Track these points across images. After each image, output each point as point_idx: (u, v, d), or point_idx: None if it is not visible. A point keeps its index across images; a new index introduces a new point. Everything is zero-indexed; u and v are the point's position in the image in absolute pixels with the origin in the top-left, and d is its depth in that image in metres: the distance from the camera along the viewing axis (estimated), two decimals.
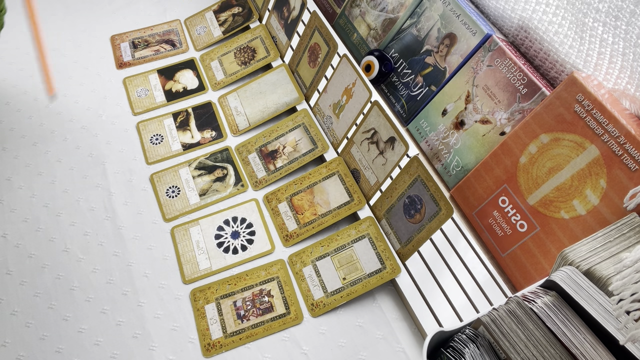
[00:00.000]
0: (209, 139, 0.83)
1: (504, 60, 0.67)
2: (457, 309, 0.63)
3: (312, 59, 0.83)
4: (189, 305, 0.67)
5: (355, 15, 0.88)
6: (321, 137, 0.80)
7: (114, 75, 0.90)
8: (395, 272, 0.66)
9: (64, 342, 0.63)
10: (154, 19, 0.99)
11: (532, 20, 0.68)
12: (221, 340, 0.64)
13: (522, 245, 0.63)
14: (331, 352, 0.64)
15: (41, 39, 0.70)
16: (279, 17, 0.90)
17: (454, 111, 0.73)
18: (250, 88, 0.88)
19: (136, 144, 0.82)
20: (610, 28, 0.57)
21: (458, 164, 0.72)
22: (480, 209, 0.68)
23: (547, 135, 0.61)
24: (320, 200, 0.75)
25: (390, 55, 0.82)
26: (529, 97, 0.65)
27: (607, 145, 0.56)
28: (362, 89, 0.73)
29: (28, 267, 0.68)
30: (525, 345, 0.44)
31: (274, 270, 0.70)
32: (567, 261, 0.48)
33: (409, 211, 0.66)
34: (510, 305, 0.47)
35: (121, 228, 0.72)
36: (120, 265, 0.69)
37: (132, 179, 0.78)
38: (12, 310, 0.65)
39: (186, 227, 0.73)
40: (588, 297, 0.45)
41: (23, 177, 0.76)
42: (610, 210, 0.56)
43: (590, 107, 0.57)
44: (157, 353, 0.63)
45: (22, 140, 0.80)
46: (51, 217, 0.73)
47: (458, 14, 0.72)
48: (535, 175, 0.62)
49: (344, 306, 0.67)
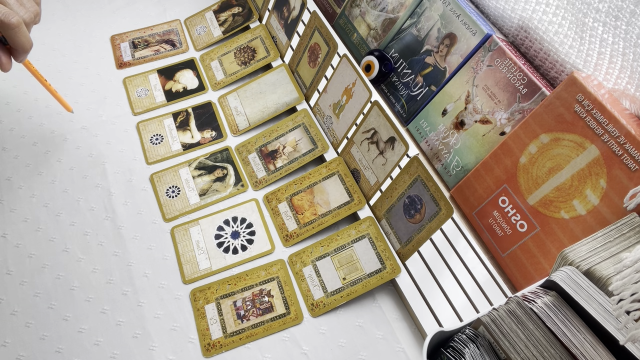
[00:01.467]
0: (209, 139, 0.83)
1: (504, 60, 0.67)
2: (457, 309, 0.63)
3: (312, 59, 0.83)
4: (189, 305, 0.67)
5: (355, 15, 0.88)
6: (321, 137, 0.80)
7: (114, 75, 0.90)
8: (395, 272, 0.66)
9: (64, 342, 0.63)
10: (154, 19, 0.99)
11: (532, 20, 0.68)
12: (221, 340, 0.64)
13: (522, 245, 0.64)
14: (331, 352, 0.64)
15: (39, 73, 0.73)
16: (279, 17, 0.90)
17: (454, 111, 0.73)
18: (250, 88, 0.88)
19: (136, 144, 0.82)
20: (610, 28, 0.57)
21: (458, 164, 0.72)
22: (480, 209, 0.68)
23: (547, 135, 0.61)
24: (320, 200, 0.75)
25: (390, 55, 0.82)
26: (529, 97, 0.65)
27: (607, 145, 0.56)
28: (362, 89, 0.73)
29: (28, 267, 0.68)
30: (525, 345, 0.44)
31: (274, 270, 0.70)
32: (567, 261, 0.48)
33: (409, 211, 0.66)
34: (510, 305, 0.47)
35: (121, 228, 0.72)
36: (120, 265, 0.69)
37: (132, 179, 0.78)
38: (12, 310, 0.65)
39: (186, 227, 0.73)
40: (588, 297, 0.45)
41: (23, 177, 0.76)
42: (610, 210, 0.56)
43: (590, 107, 0.57)
44: (157, 353, 0.63)
45: (22, 140, 0.80)
46: (51, 217, 0.73)
47: (458, 14, 0.72)
48: (535, 175, 0.62)
49: (344, 306, 0.67)
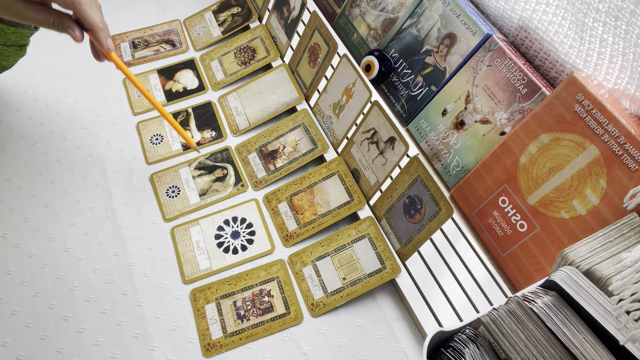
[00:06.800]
0: (209, 139, 0.83)
1: (504, 60, 0.67)
2: (457, 309, 0.63)
3: (312, 59, 0.83)
4: (189, 305, 0.67)
5: (355, 15, 0.88)
6: (321, 137, 0.80)
7: (114, 75, 0.90)
8: (395, 272, 0.66)
9: (64, 342, 0.63)
10: (154, 19, 0.99)
11: (532, 20, 0.68)
12: (221, 340, 0.64)
13: (522, 245, 0.63)
14: (331, 352, 0.64)
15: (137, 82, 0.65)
16: (279, 17, 0.90)
17: (454, 111, 0.73)
18: (250, 88, 0.88)
19: (136, 144, 0.82)
20: (610, 28, 0.57)
21: (458, 164, 0.72)
22: (480, 209, 0.68)
23: (547, 135, 0.61)
24: (320, 200, 0.75)
25: (390, 55, 0.82)
26: (529, 97, 0.65)
27: (607, 145, 0.56)
28: (362, 89, 0.73)
29: (28, 267, 0.68)
30: (525, 345, 0.44)
31: (274, 270, 0.70)
32: (567, 261, 0.48)
33: (409, 211, 0.66)
34: (510, 305, 0.47)
35: (121, 228, 0.72)
36: (120, 265, 0.69)
37: (132, 179, 0.78)
38: (12, 310, 0.65)
39: (186, 227, 0.73)
40: (588, 297, 0.45)
41: (23, 177, 0.76)
42: (610, 210, 0.56)
43: (590, 107, 0.57)
44: (157, 353, 0.63)
45: (22, 140, 0.80)
46: (51, 217, 0.73)
47: (458, 14, 0.72)
48: (535, 175, 0.62)
49: (344, 306, 0.67)
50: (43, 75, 0.89)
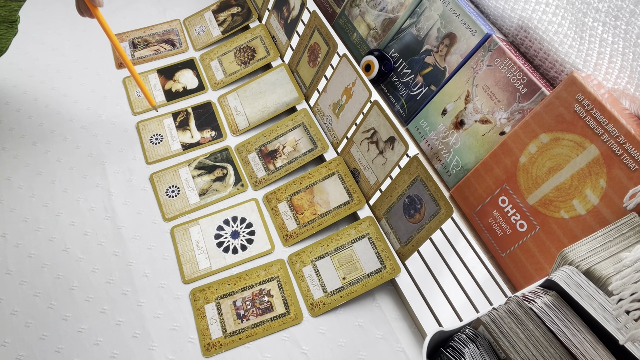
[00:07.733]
0: (209, 139, 0.83)
1: (504, 60, 0.67)
2: (457, 309, 0.63)
3: (312, 59, 0.83)
4: (189, 305, 0.67)
5: (355, 15, 0.88)
6: (321, 137, 0.80)
7: (114, 75, 0.90)
8: (395, 272, 0.66)
9: (64, 342, 0.63)
10: (154, 19, 0.99)
11: (532, 20, 0.68)
12: (221, 340, 0.64)
13: (522, 245, 0.63)
14: (331, 352, 0.64)
15: (131, 67, 0.69)
16: (279, 17, 0.90)
17: (454, 111, 0.73)
18: (250, 88, 0.88)
19: (136, 144, 0.82)
20: (610, 28, 0.57)
21: (458, 164, 0.72)
22: (480, 209, 0.68)
23: (547, 135, 0.61)
24: (320, 200, 0.75)
25: (390, 55, 0.82)
26: (529, 97, 0.65)
27: (607, 145, 0.56)
28: (362, 89, 0.73)
29: (28, 267, 0.68)
30: (525, 345, 0.44)
31: (274, 270, 0.70)
32: (567, 261, 0.48)
33: (409, 211, 0.66)
34: (510, 305, 0.47)
35: (121, 228, 0.72)
36: (120, 265, 0.69)
37: (132, 179, 0.78)
38: (12, 310, 0.65)
39: (186, 227, 0.73)
40: (588, 297, 0.45)
41: (23, 177, 0.76)
42: (610, 210, 0.56)
43: (590, 107, 0.57)
44: (157, 353, 0.63)
45: (22, 140, 0.80)
46: (51, 217, 0.73)
47: (458, 14, 0.72)
48: (535, 175, 0.62)
49: (344, 306, 0.67)
50: (43, 75, 0.89)
